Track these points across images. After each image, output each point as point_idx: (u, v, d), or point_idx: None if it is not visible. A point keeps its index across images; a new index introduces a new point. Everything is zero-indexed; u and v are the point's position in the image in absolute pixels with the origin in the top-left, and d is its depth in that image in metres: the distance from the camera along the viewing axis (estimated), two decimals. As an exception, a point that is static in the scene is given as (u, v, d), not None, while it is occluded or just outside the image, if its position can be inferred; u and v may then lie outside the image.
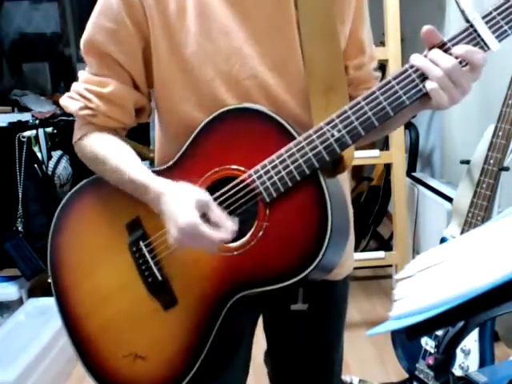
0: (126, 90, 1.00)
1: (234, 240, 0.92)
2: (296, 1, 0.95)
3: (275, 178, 0.90)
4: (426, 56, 0.85)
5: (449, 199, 2.46)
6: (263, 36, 0.95)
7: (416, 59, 0.85)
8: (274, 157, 0.91)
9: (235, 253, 0.93)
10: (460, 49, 0.82)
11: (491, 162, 1.82)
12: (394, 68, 2.46)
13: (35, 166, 2.84)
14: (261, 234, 0.91)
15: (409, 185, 2.87)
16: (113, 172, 0.99)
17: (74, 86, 1.02)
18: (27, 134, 2.83)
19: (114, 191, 1.01)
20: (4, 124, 3.06)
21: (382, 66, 2.57)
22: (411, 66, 0.86)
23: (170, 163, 1.00)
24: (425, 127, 3.38)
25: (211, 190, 0.94)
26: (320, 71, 0.97)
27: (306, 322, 1.14)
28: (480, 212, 1.83)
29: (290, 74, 0.97)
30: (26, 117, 3.12)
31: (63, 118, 3.04)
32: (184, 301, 0.98)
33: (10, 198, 2.86)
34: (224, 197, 0.94)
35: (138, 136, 1.12)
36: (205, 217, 0.89)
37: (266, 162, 0.91)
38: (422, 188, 2.81)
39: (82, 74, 1.02)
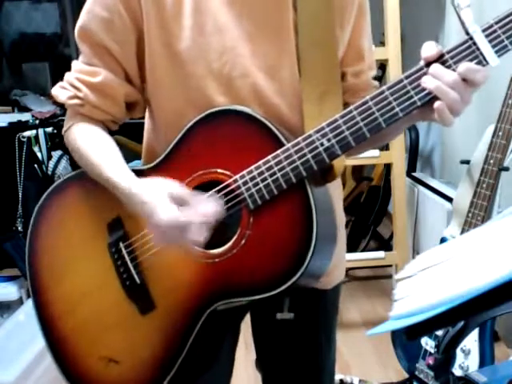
0: (116, 82, 0.97)
1: (217, 247, 0.90)
2: (295, 3, 0.94)
3: (261, 184, 0.88)
4: (422, 69, 0.82)
5: (449, 199, 2.46)
6: (258, 36, 0.94)
7: (427, 82, 0.81)
8: (260, 163, 0.88)
9: (216, 260, 0.90)
10: (461, 67, 0.79)
11: (491, 162, 1.81)
12: (394, 68, 2.46)
13: (35, 165, 2.84)
14: (243, 242, 0.89)
15: (409, 185, 2.87)
16: (93, 167, 0.96)
17: (66, 75, 1.01)
18: (27, 133, 2.83)
19: (97, 187, 0.98)
20: (4, 124, 3.06)
21: (382, 66, 2.58)
22: (406, 77, 0.83)
23: (156, 162, 0.97)
24: (425, 127, 3.38)
25: None
26: (315, 77, 0.95)
27: (294, 331, 1.12)
28: (480, 212, 1.83)
29: (283, 77, 0.95)
30: (25, 117, 3.12)
31: (63, 118, 3.04)
32: (162, 306, 0.96)
33: (10, 197, 2.86)
34: None
35: (137, 136, 1.11)
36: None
37: (252, 167, 0.88)
38: (422, 188, 2.81)
39: (75, 64, 1.00)
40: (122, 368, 0.99)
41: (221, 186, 0.90)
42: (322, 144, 0.86)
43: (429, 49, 0.82)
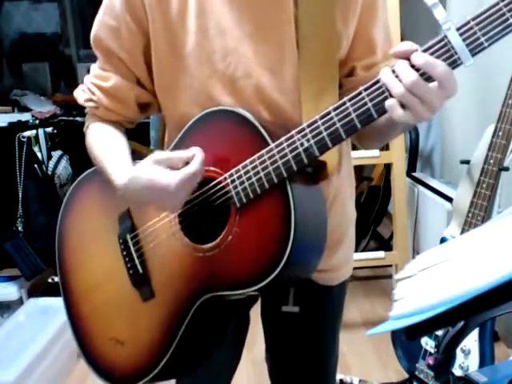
0: (126, 85, 1.03)
1: (209, 241, 0.94)
2: None
3: (246, 183, 0.90)
4: (394, 70, 0.79)
5: (449, 199, 2.46)
6: (260, 35, 0.94)
7: (382, 74, 0.79)
8: (247, 162, 0.90)
9: (206, 254, 0.94)
10: (420, 58, 0.76)
11: (491, 161, 1.82)
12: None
13: (35, 165, 2.84)
14: (230, 238, 0.92)
15: (409, 185, 2.87)
16: (98, 163, 1.02)
17: (85, 78, 1.08)
18: (27, 133, 2.83)
19: None
20: (4, 124, 3.06)
21: (382, 66, 2.57)
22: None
23: None
24: (425, 127, 3.38)
25: None
26: (314, 73, 0.95)
27: (300, 324, 1.14)
28: (480, 212, 1.83)
29: (285, 74, 0.96)
30: (25, 117, 3.12)
31: (63, 118, 3.05)
32: (160, 295, 1.02)
33: (10, 197, 2.86)
34: (200, 198, 0.95)
35: (138, 136, 1.12)
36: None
37: (239, 166, 0.91)
38: (422, 188, 2.81)
39: (92, 68, 1.07)
40: (126, 349, 1.06)
41: (212, 183, 0.94)
42: (301, 144, 0.87)
43: (402, 45, 0.79)
